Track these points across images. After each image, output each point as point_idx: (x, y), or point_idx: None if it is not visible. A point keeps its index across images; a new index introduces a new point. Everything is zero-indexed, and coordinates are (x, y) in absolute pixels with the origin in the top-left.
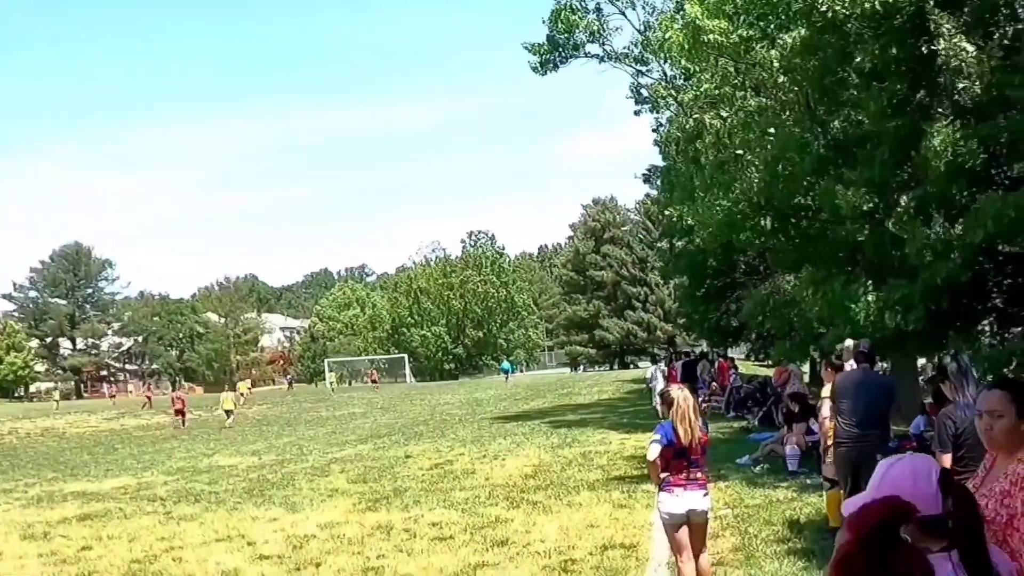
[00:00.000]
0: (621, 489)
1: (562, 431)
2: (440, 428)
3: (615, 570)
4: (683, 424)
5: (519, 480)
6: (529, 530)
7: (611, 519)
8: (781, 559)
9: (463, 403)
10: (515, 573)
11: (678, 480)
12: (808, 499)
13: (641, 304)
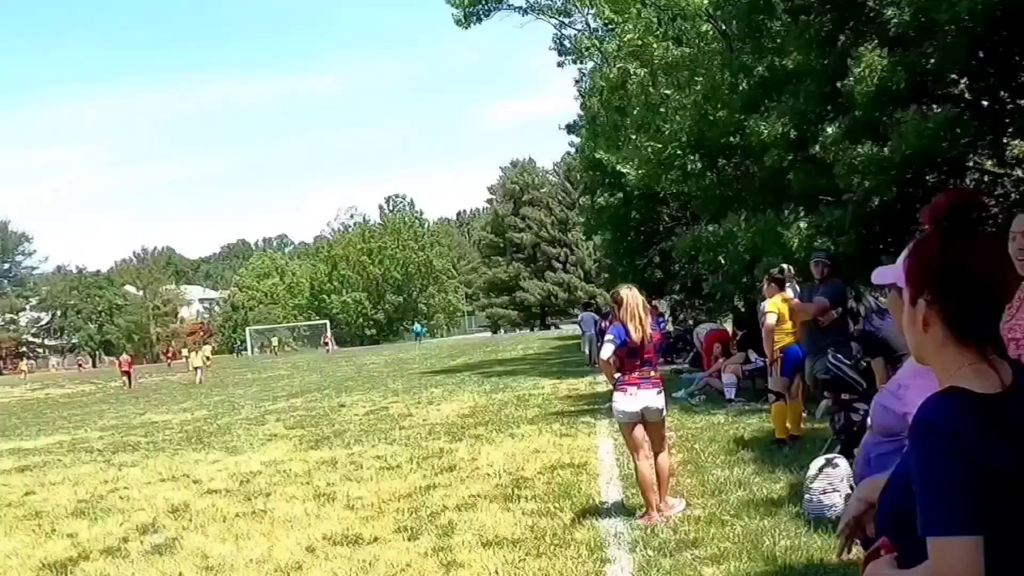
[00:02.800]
0: (561, 422)
1: (493, 380)
2: (370, 382)
3: (567, 484)
4: (633, 322)
5: (457, 420)
6: (475, 458)
7: (555, 446)
8: (730, 467)
9: (388, 363)
10: (468, 491)
11: (632, 379)
12: (748, 421)
13: (561, 265)
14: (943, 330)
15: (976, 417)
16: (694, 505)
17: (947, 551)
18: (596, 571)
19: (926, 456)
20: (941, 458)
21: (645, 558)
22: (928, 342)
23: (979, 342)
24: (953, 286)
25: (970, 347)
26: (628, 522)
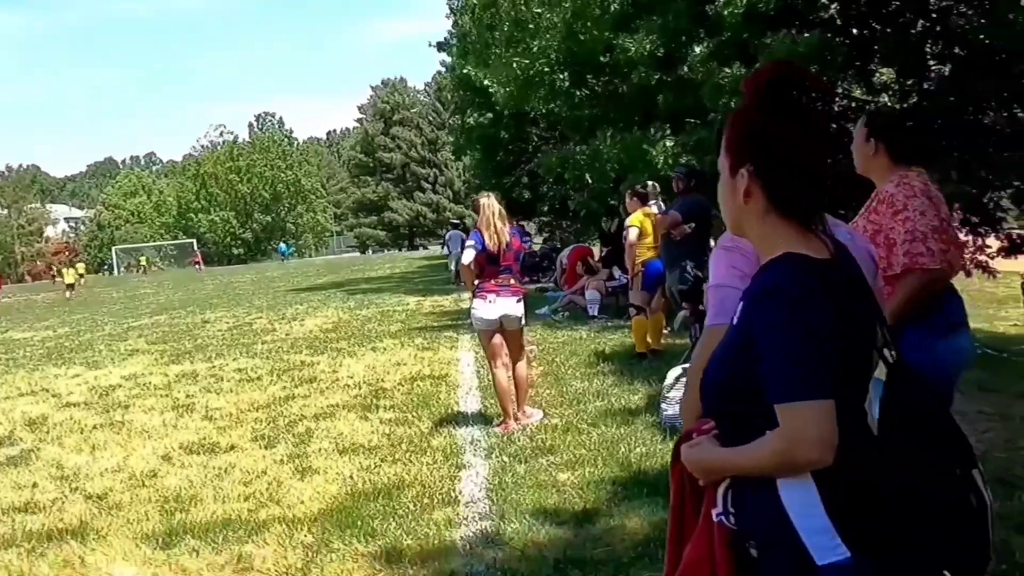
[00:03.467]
0: (423, 336)
1: (358, 297)
2: (235, 300)
3: (426, 395)
4: (488, 230)
5: (320, 334)
6: (336, 370)
7: (416, 358)
8: (590, 379)
9: (255, 281)
10: (327, 401)
11: (490, 286)
12: (610, 336)
13: (431, 186)
14: (765, 201)
15: (816, 280)
16: (552, 415)
17: (800, 417)
18: (451, 476)
19: (773, 323)
20: (790, 326)
21: (500, 464)
22: (749, 213)
23: (801, 213)
24: (775, 157)
25: (792, 218)
26: (485, 430)
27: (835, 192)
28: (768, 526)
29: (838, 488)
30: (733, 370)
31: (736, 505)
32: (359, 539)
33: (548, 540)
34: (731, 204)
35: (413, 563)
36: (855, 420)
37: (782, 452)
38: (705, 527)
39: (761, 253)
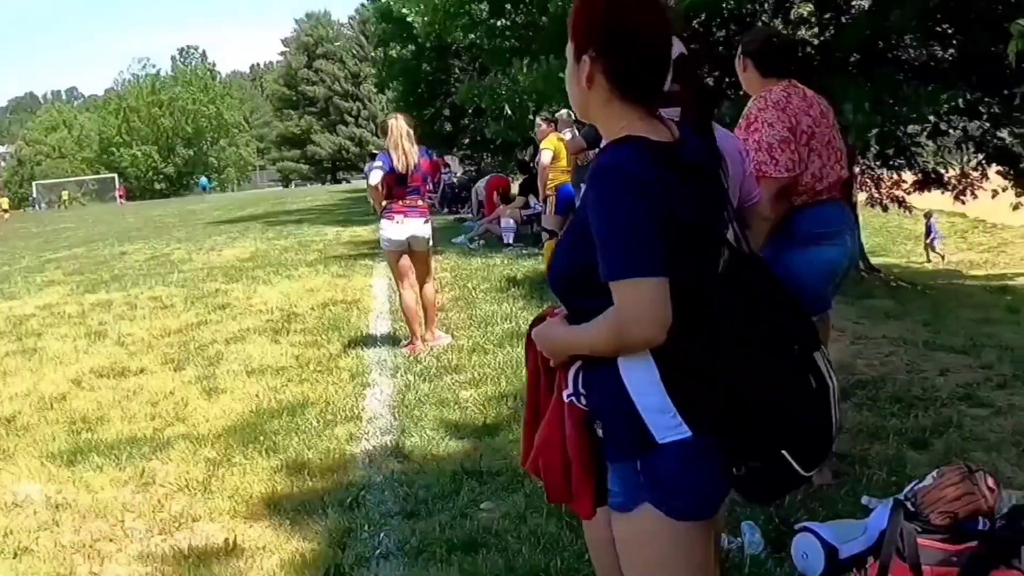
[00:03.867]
0: (339, 264)
1: (278, 228)
2: (155, 232)
3: (337, 319)
4: (396, 151)
5: (237, 263)
6: (250, 297)
7: (331, 285)
8: (499, 303)
9: (176, 214)
10: (239, 326)
11: (398, 207)
12: (524, 263)
13: (354, 119)
14: (608, 87)
15: (655, 162)
16: (459, 337)
17: (633, 293)
18: (356, 394)
19: (609, 202)
20: (625, 203)
21: (405, 382)
22: (593, 99)
23: (644, 99)
24: (618, 44)
25: (635, 104)
26: (393, 351)
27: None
28: (611, 405)
29: (678, 368)
30: (574, 256)
31: (586, 386)
32: (261, 454)
33: (447, 453)
34: (576, 90)
35: (313, 475)
36: (695, 300)
37: (616, 329)
38: (557, 408)
39: (606, 137)
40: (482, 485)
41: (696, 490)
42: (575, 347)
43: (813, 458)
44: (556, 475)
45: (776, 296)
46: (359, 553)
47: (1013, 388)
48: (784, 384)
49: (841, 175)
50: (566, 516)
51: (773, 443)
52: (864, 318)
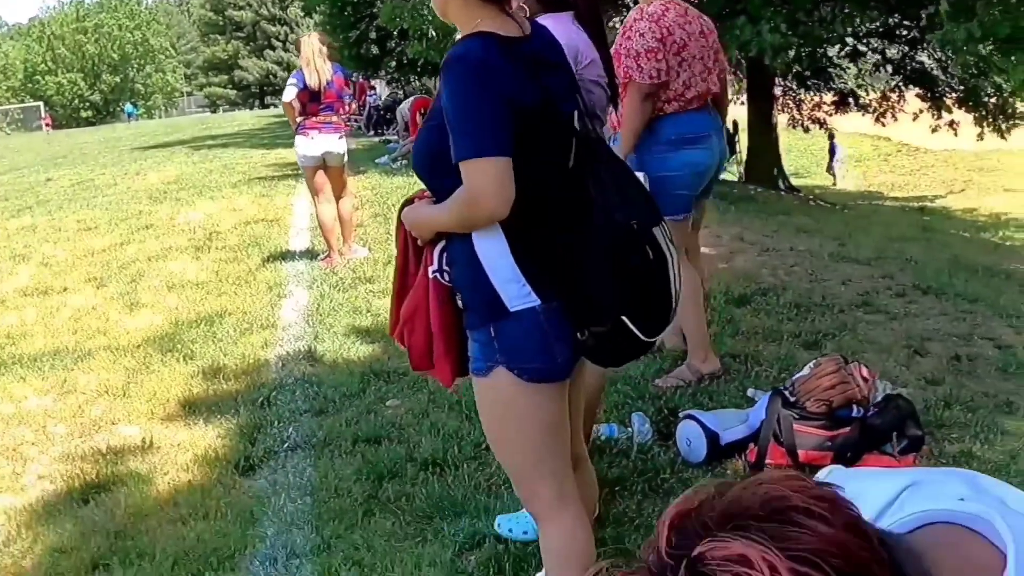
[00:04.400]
0: (262, 185)
1: (203, 152)
2: (80, 159)
3: (257, 236)
4: (308, 68)
5: (161, 186)
6: (173, 218)
7: (253, 204)
8: None
9: (102, 141)
10: (161, 245)
11: (313, 123)
12: None
13: (281, 43)
14: None
15: (501, 54)
16: (376, 251)
17: (479, 171)
18: (272, 304)
19: (457, 89)
20: (472, 90)
21: (321, 292)
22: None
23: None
24: None
25: (488, 4)
26: (310, 264)
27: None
28: (468, 277)
29: (525, 242)
30: (436, 141)
31: (449, 263)
32: (179, 361)
33: (357, 356)
34: None
35: (228, 379)
36: (539, 178)
37: (465, 205)
38: (423, 282)
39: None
40: (388, 384)
41: (545, 354)
42: (435, 224)
43: (653, 325)
44: (420, 345)
45: (618, 177)
46: (268, 447)
47: (911, 297)
48: (623, 255)
49: (711, 89)
50: (466, 410)
51: (613, 310)
52: (775, 232)
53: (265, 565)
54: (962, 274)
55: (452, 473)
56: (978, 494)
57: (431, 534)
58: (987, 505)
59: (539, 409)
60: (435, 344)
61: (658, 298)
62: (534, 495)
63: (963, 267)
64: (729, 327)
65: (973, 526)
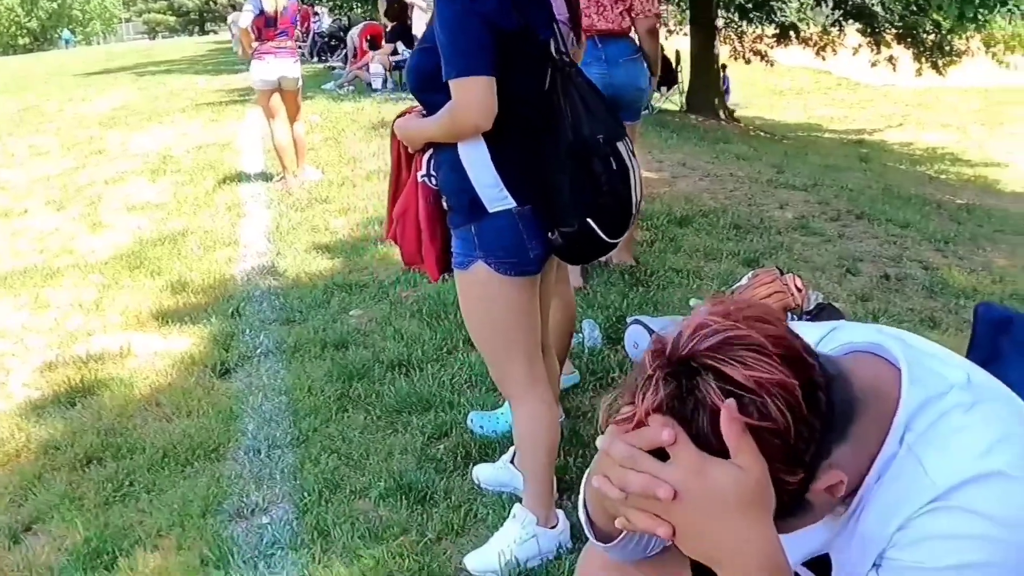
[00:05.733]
0: (211, 110)
1: (147, 78)
2: (22, 87)
3: (211, 160)
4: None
5: (110, 112)
6: (125, 143)
7: (204, 130)
8: (369, 142)
9: (44, 68)
10: (117, 169)
11: (268, 48)
12: (392, 107)
13: None
14: None
15: None
16: (329, 173)
17: (466, 88)
18: (232, 224)
19: (448, 17)
20: (460, 17)
21: (279, 212)
22: None
23: None
24: None
25: None
26: (266, 186)
27: None
28: (453, 182)
29: (505, 151)
30: (428, 60)
31: (436, 169)
32: (147, 276)
33: (319, 271)
34: None
35: (196, 293)
36: (520, 96)
37: (452, 117)
38: (412, 187)
39: None
40: (351, 296)
41: (519, 250)
42: (425, 135)
43: (615, 228)
44: (410, 242)
45: (587, 97)
46: (242, 353)
47: (846, 221)
48: (589, 164)
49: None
50: (426, 317)
51: (580, 213)
52: (716, 159)
53: (250, 455)
54: (895, 202)
55: (417, 373)
56: (882, 334)
57: (401, 426)
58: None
59: (513, 299)
60: (424, 242)
61: (620, 203)
62: (507, 375)
63: (896, 196)
64: (672, 245)
65: (880, 352)
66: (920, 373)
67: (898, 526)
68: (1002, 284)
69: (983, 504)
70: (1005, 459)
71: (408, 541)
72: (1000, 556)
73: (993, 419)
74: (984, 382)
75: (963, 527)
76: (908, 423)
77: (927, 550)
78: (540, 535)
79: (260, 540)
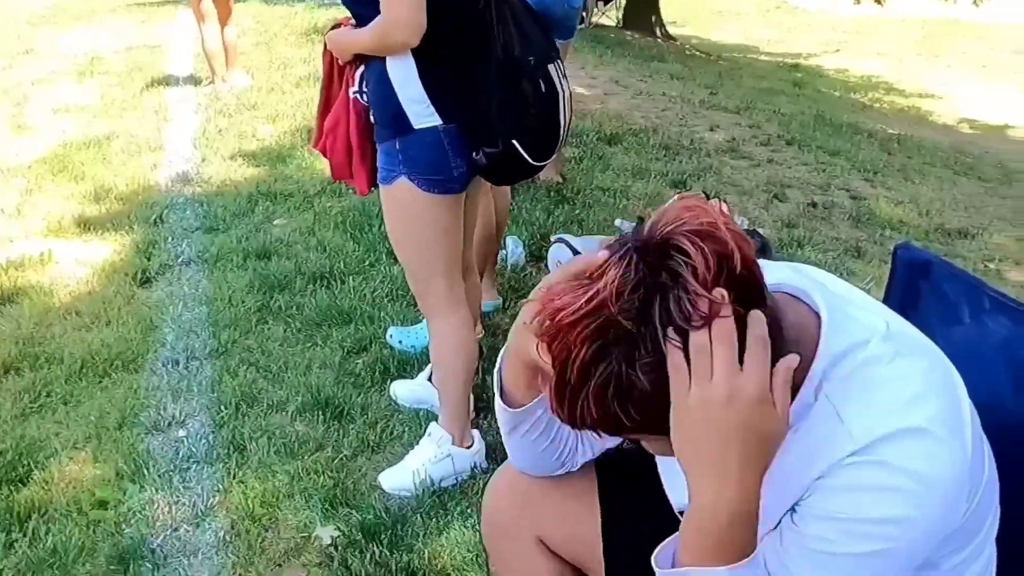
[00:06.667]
0: (143, 12)
1: None
2: None
3: (140, 62)
4: None
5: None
6: (54, 43)
7: (135, 31)
8: (300, 47)
9: None
10: (44, 68)
11: None
12: (326, 12)
13: None
14: None
15: None
16: (259, 79)
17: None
18: (159, 128)
19: None
20: None
21: (206, 118)
22: None
23: None
24: None
25: None
26: (195, 90)
27: None
28: (380, 96)
29: (433, 68)
30: None
31: (367, 85)
32: (70, 181)
33: (244, 178)
34: None
35: (120, 199)
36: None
37: (381, 32)
38: (344, 101)
39: None
40: (275, 204)
41: (442, 167)
42: (355, 47)
43: (541, 150)
44: (340, 156)
45: (521, 19)
46: (163, 261)
47: (776, 146)
48: (518, 86)
49: None
50: (350, 229)
51: (505, 134)
52: (649, 78)
53: (168, 367)
54: (826, 129)
55: (338, 285)
56: (802, 275)
57: (320, 339)
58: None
59: (435, 217)
60: (354, 156)
61: (547, 126)
62: (427, 292)
63: (828, 123)
64: (600, 163)
65: (801, 296)
66: (840, 320)
67: (819, 474)
68: (928, 217)
69: (905, 460)
70: (926, 415)
71: (324, 457)
72: (919, 512)
73: (914, 372)
74: (904, 331)
75: (885, 481)
76: (826, 371)
77: (847, 501)
78: (455, 455)
79: (176, 454)
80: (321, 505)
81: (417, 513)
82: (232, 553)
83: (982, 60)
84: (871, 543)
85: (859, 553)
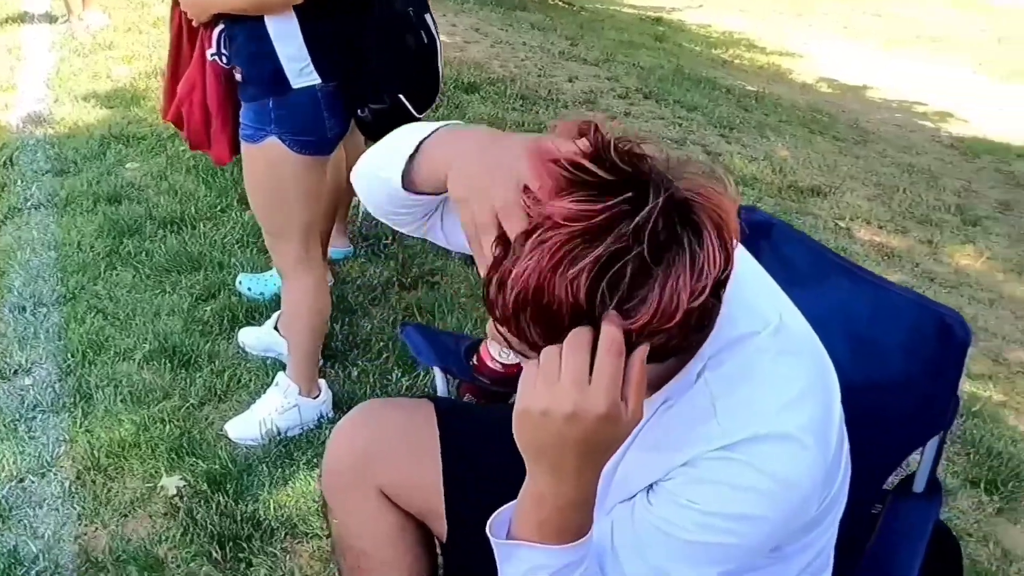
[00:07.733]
0: None
1: None
2: None
3: None
4: None
5: None
6: None
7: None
8: None
9: None
10: None
11: None
12: None
13: None
14: None
15: None
16: (116, 17)
17: None
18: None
19: None
20: None
21: (60, 57)
22: None
23: None
24: None
25: None
26: (50, 28)
27: None
28: (253, 53)
29: (315, 26)
30: None
31: (228, 47)
32: None
33: (97, 120)
34: None
35: None
36: None
37: None
38: (199, 65)
39: None
40: (128, 148)
41: (317, 128)
42: (217, 5)
43: (424, 101)
44: (196, 124)
45: None
46: (12, 205)
47: (633, 99)
48: (401, 39)
49: None
50: (203, 174)
51: (392, 88)
52: (510, 26)
53: (15, 313)
54: (685, 84)
55: (189, 231)
56: None
57: (169, 286)
58: None
59: (302, 178)
60: (213, 121)
61: (430, 77)
62: (284, 252)
63: (687, 77)
64: (456, 112)
65: None
66: (734, 308)
67: (684, 461)
68: (781, 175)
69: (769, 463)
70: (798, 423)
71: (170, 406)
72: (774, 513)
73: (794, 376)
74: (794, 328)
75: (746, 480)
76: (713, 356)
77: (707, 493)
78: (302, 405)
79: (21, 403)
80: (167, 455)
81: (263, 463)
82: (78, 504)
83: (843, 20)
84: (723, 536)
85: (709, 542)
